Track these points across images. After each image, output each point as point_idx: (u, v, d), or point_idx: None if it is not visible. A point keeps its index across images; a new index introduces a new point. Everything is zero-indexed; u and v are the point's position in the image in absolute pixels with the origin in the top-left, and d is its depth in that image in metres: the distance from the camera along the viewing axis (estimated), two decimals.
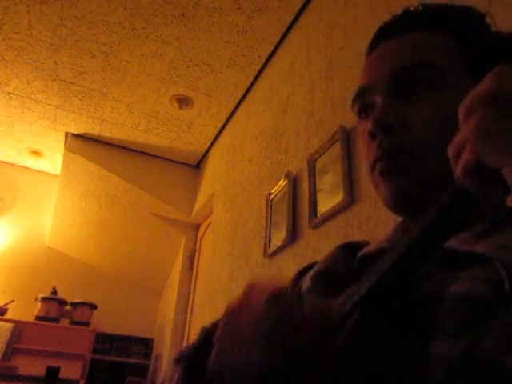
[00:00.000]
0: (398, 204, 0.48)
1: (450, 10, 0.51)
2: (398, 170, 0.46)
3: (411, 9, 0.52)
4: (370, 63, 0.52)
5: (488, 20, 0.50)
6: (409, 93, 0.47)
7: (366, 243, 0.55)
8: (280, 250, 1.72)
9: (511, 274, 0.32)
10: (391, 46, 0.49)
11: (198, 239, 3.45)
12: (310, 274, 0.55)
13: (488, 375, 0.29)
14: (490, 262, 0.35)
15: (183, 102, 2.83)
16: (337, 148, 1.46)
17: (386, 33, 0.52)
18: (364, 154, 0.51)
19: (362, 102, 0.52)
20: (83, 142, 3.28)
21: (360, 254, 0.51)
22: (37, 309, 3.47)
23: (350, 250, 0.56)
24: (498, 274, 0.33)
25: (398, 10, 0.52)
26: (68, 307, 3.60)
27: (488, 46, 0.47)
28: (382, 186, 0.47)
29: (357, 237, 1.24)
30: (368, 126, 0.47)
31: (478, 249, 0.37)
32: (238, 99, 2.78)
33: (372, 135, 0.47)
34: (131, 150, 3.41)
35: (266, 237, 1.87)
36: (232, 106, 2.85)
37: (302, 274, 0.59)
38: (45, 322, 3.38)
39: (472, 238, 0.39)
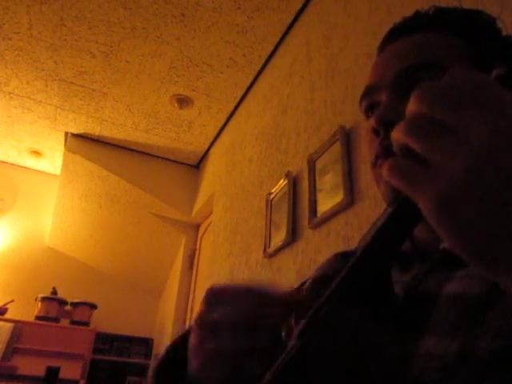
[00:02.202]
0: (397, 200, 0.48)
1: (460, 12, 0.52)
2: None
3: (421, 11, 0.53)
4: (377, 64, 0.53)
5: (499, 25, 0.51)
6: (413, 91, 0.47)
7: None
8: (280, 249, 1.72)
9: None
10: (397, 47, 0.51)
11: (198, 239, 3.45)
12: (309, 281, 0.57)
13: (484, 374, 0.29)
14: None
15: (183, 102, 2.83)
16: (337, 148, 1.46)
17: (393, 35, 0.53)
18: (368, 151, 0.52)
19: (368, 100, 0.53)
20: (83, 142, 3.28)
21: None
22: (37, 309, 3.47)
23: (345, 256, 0.57)
24: None
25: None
26: (68, 307, 3.60)
27: (496, 49, 0.48)
28: (383, 181, 0.47)
29: (357, 237, 1.25)
30: (371, 122, 0.47)
31: None
32: (238, 99, 2.78)
33: (375, 132, 0.47)
34: (131, 149, 3.41)
35: (265, 237, 1.87)
36: (232, 106, 2.85)
37: (303, 283, 0.61)
38: (45, 322, 3.38)
39: None
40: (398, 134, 0.26)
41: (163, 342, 3.41)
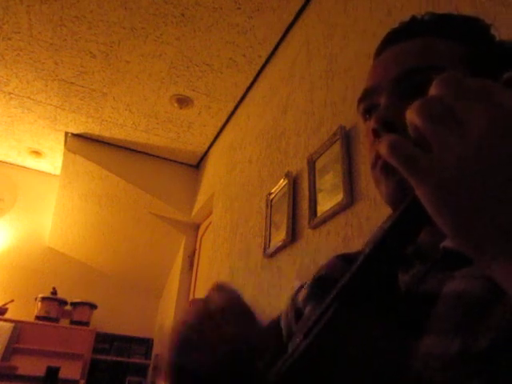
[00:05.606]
0: (398, 201, 0.48)
1: (456, 18, 0.52)
2: None
3: (418, 16, 0.53)
4: (375, 67, 0.53)
5: (493, 31, 0.51)
6: (413, 94, 0.47)
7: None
8: (280, 249, 1.72)
9: None
10: (396, 50, 0.51)
11: (198, 239, 3.45)
12: (308, 283, 0.58)
13: (485, 373, 0.29)
14: None
15: (183, 102, 2.83)
16: (337, 148, 1.46)
17: (391, 39, 0.54)
18: (367, 152, 0.52)
19: (367, 103, 0.53)
20: (83, 142, 3.28)
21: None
22: (37, 309, 3.47)
23: (346, 258, 0.57)
24: None
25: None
26: (68, 307, 3.60)
27: (492, 54, 0.48)
28: (384, 182, 0.47)
29: (357, 237, 1.25)
30: (372, 123, 0.47)
31: None
32: (238, 99, 2.78)
33: (375, 133, 0.47)
34: (131, 150, 3.41)
35: (265, 237, 1.87)
36: (232, 105, 2.85)
37: (302, 286, 0.62)
38: (45, 322, 3.38)
39: None
40: (410, 113, 0.26)
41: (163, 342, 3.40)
